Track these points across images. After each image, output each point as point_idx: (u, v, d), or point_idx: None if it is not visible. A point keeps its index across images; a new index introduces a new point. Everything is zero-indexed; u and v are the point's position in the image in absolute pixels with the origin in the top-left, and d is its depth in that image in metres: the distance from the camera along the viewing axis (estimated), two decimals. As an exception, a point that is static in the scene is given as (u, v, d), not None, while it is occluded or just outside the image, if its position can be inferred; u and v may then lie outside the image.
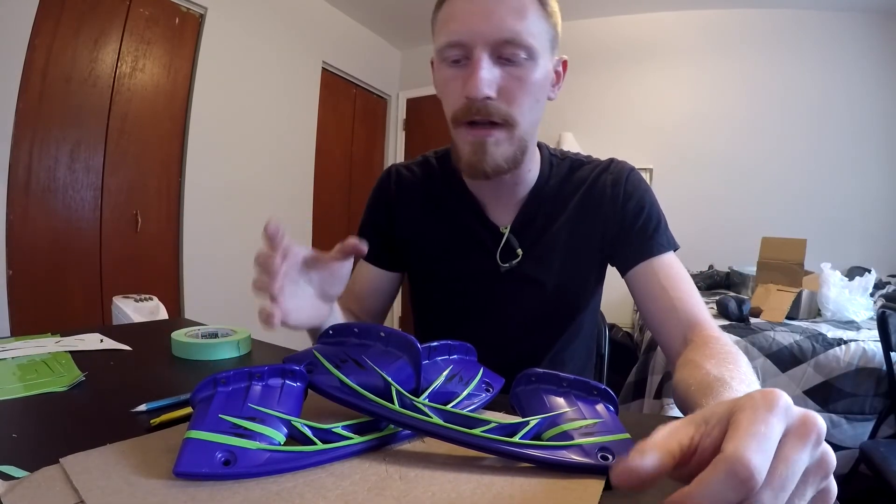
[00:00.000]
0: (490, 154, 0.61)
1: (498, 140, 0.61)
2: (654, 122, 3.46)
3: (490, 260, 0.72)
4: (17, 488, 0.32)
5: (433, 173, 0.78)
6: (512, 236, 0.72)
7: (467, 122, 0.60)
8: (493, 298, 0.74)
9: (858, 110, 3.09)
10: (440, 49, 0.61)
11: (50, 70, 1.91)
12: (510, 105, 0.59)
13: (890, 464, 1.17)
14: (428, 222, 0.77)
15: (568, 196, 0.73)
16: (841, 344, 1.52)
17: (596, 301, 0.81)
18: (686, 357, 0.54)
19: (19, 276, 1.85)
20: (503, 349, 0.69)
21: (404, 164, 0.82)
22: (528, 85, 0.59)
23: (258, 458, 0.34)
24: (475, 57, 0.57)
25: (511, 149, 0.62)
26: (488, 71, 0.57)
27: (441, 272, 0.76)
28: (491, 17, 0.56)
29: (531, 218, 0.72)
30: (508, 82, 0.58)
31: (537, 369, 0.47)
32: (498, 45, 0.57)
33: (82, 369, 0.60)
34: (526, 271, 0.72)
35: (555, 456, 0.37)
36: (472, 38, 0.57)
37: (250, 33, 2.74)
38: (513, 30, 0.56)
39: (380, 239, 0.79)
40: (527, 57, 0.58)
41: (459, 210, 0.74)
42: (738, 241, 2.99)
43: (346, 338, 0.49)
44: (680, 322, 0.62)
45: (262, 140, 2.87)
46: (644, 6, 3.37)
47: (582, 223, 0.72)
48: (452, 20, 0.58)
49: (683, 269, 0.67)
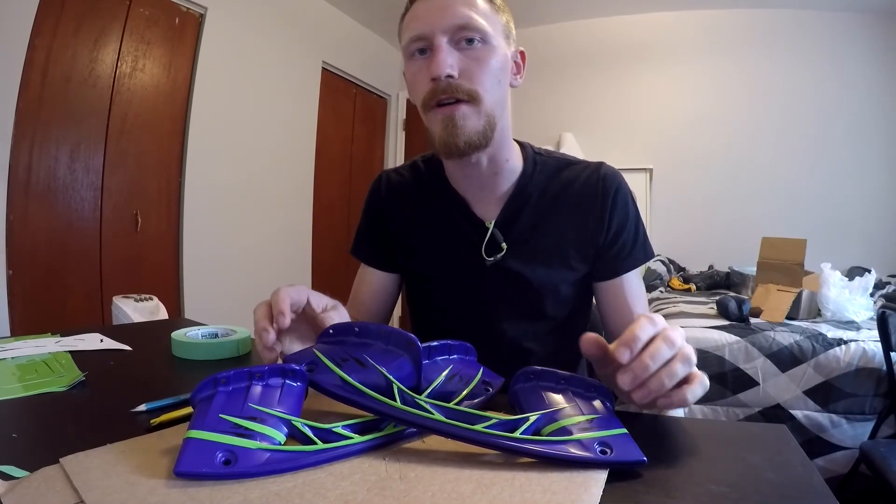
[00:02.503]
0: (460, 128, 0.65)
1: (465, 114, 0.65)
2: (654, 122, 3.46)
3: (476, 254, 0.75)
4: (17, 488, 0.32)
5: (421, 175, 0.82)
6: (497, 231, 0.74)
7: (435, 103, 0.66)
8: (479, 292, 0.76)
9: (858, 110, 3.09)
10: (405, 46, 0.68)
11: (50, 70, 1.91)
12: (472, 82, 0.65)
13: (890, 464, 1.17)
14: (417, 221, 0.80)
15: (555, 194, 0.75)
16: (841, 344, 1.52)
17: (586, 299, 0.81)
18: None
19: (19, 276, 1.85)
20: (493, 343, 0.72)
21: (394, 168, 0.87)
22: (486, 65, 0.65)
23: (258, 457, 0.34)
24: (436, 43, 0.64)
25: (479, 122, 0.66)
26: (448, 53, 0.64)
27: (430, 269, 0.79)
28: (445, 10, 0.64)
29: (516, 213, 0.75)
30: (467, 64, 0.65)
31: (535, 367, 0.47)
32: (454, 30, 0.64)
33: (82, 369, 0.60)
34: (511, 265, 0.74)
35: (555, 451, 0.37)
36: (432, 28, 0.64)
37: (250, 33, 2.74)
38: (465, 15, 0.64)
39: (376, 242, 0.83)
40: (481, 40, 0.65)
41: (445, 207, 0.78)
42: (738, 241, 2.99)
43: (346, 337, 0.49)
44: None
45: (262, 140, 2.87)
46: (644, 6, 3.37)
47: (568, 222, 0.74)
48: (414, 20, 0.67)
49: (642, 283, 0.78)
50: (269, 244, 2.94)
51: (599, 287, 0.76)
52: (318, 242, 3.33)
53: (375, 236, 0.84)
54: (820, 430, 1.50)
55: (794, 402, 1.53)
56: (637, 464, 0.37)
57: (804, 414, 1.52)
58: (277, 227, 3.02)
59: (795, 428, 1.50)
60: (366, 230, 0.85)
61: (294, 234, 3.19)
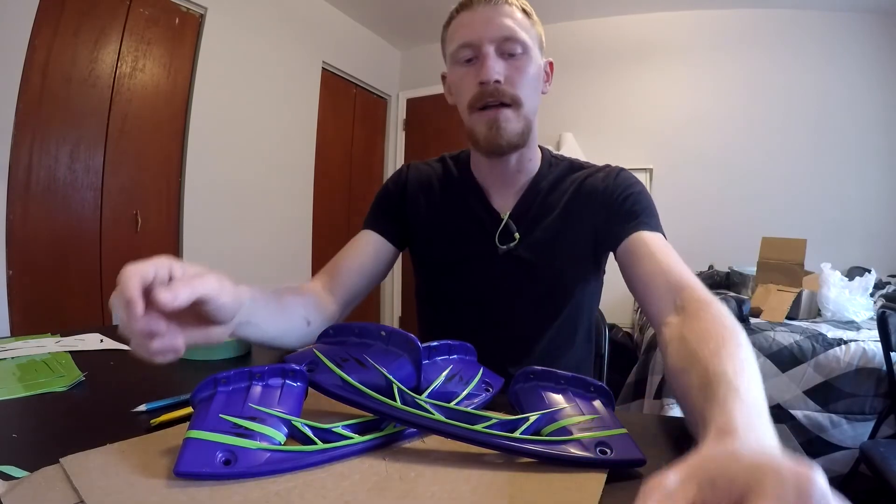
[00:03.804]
0: (503, 129, 0.71)
1: (508, 117, 0.71)
2: (654, 122, 3.45)
3: (490, 242, 0.79)
4: (17, 488, 0.32)
5: (448, 167, 0.87)
6: (511, 221, 0.79)
7: (480, 106, 0.72)
8: (491, 279, 0.79)
9: (859, 110, 3.09)
10: (454, 52, 0.74)
11: (50, 70, 1.91)
12: (515, 88, 0.71)
13: (890, 464, 1.17)
14: (438, 208, 0.84)
15: (564, 190, 0.80)
16: (841, 344, 1.52)
17: (592, 295, 0.84)
18: (679, 332, 0.51)
19: (19, 276, 1.85)
20: (501, 329, 0.78)
21: (422, 161, 0.91)
22: (526, 73, 0.72)
23: (258, 457, 0.34)
24: (484, 51, 0.71)
25: (520, 125, 0.73)
26: (495, 61, 0.70)
27: (446, 253, 0.82)
28: (492, 22, 0.71)
29: (529, 206, 0.79)
30: (511, 72, 0.71)
31: (535, 367, 0.47)
32: (500, 41, 0.71)
33: (82, 369, 0.60)
34: (522, 254, 0.78)
35: (555, 451, 0.37)
36: (480, 38, 0.71)
37: (250, 33, 2.74)
38: (510, 27, 0.71)
39: (384, 212, 0.86)
40: (522, 51, 0.72)
41: (466, 196, 0.82)
42: (738, 241, 2.99)
43: (346, 337, 0.49)
44: (668, 283, 0.60)
45: (262, 140, 2.87)
46: (644, 6, 3.37)
47: (575, 215, 0.78)
48: (462, 28, 0.73)
49: (671, 247, 0.68)
50: (269, 244, 2.94)
51: (619, 254, 0.71)
52: (318, 242, 3.33)
53: (388, 209, 0.86)
54: (820, 430, 1.50)
55: (794, 402, 1.53)
56: (637, 464, 0.37)
57: (804, 414, 1.52)
58: (277, 226, 3.02)
59: (795, 428, 1.50)
60: (378, 204, 0.87)
61: (294, 234, 3.19)
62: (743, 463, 0.22)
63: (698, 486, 0.22)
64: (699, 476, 0.22)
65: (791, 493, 0.20)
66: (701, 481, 0.22)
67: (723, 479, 0.22)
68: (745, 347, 0.44)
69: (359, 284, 0.79)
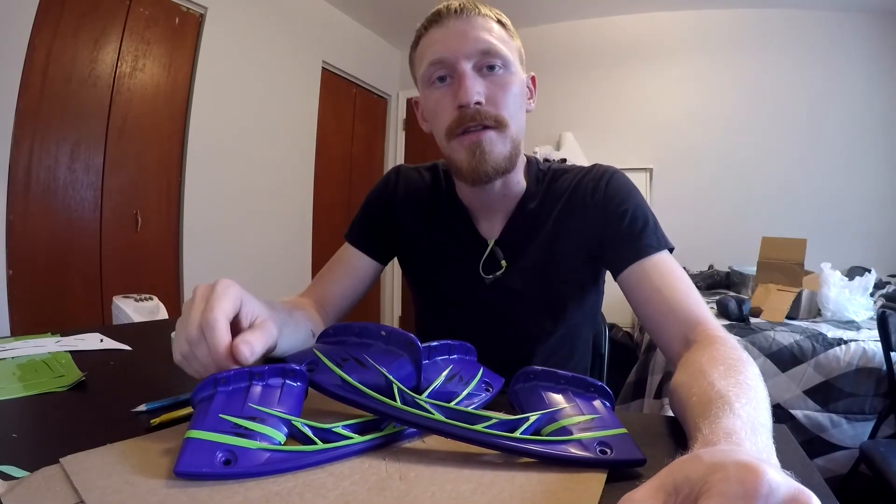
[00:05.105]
0: (488, 153, 0.64)
1: (492, 139, 0.64)
2: (653, 122, 3.45)
3: (475, 271, 0.74)
4: (17, 488, 0.32)
5: (439, 181, 0.80)
6: (497, 248, 0.74)
7: (461, 131, 0.64)
8: (478, 307, 0.76)
9: (858, 110, 3.09)
10: (425, 71, 0.66)
11: (50, 70, 1.91)
12: (498, 109, 0.64)
13: (890, 464, 1.17)
14: (424, 225, 0.79)
15: (550, 208, 0.74)
16: (841, 344, 1.52)
17: (591, 306, 0.80)
18: (690, 357, 0.51)
19: (19, 276, 1.85)
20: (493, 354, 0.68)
21: (413, 166, 0.84)
22: (510, 90, 0.65)
23: (258, 457, 0.34)
24: (460, 70, 0.63)
25: (506, 148, 0.66)
26: (474, 80, 0.63)
27: (433, 276, 0.79)
28: (466, 36, 0.63)
29: (517, 231, 0.74)
30: (492, 90, 0.64)
31: (535, 367, 0.47)
32: (477, 57, 0.64)
33: (82, 369, 0.60)
34: (510, 283, 0.73)
35: (555, 451, 0.37)
36: (454, 54, 0.63)
37: (250, 33, 2.74)
38: (487, 41, 0.64)
39: (372, 230, 0.81)
40: (503, 66, 0.65)
41: (452, 220, 0.77)
42: (738, 241, 2.99)
43: (346, 337, 0.49)
44: (679, 322, 0.59)
45: (262, 140, 2.87)
46: (643, 6, 3.37)
47: (564, 233, 0.72)
48: (433, 45, 0.65)
49: (679, 268, 0.65)
50: (269, 244, 2.94)
51: (621, 283, 0.68)
52: (318, 242, 3.33)
53: (373, 221, 0.81)
54: (820, 429, 1.50)
55: (794, 402, 1.53)
56: (637, 463, 0.37)
57: (804, 414, 1.52)
58: (277, 226, 3.02)
59: (795, 428, 1.50)
60: (365, 216, 0.82)
61: (294, 234, 3.19)
62: (701, 464, 0.23)
63: (665, 494, 0.23)
64: (667, 484, 0.23)
65: (736, 488, 0.20)
66: (668, 489, 0.23)
67: (685, 483, 0.22)
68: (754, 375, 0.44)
69: (344, 307, 0.79)
